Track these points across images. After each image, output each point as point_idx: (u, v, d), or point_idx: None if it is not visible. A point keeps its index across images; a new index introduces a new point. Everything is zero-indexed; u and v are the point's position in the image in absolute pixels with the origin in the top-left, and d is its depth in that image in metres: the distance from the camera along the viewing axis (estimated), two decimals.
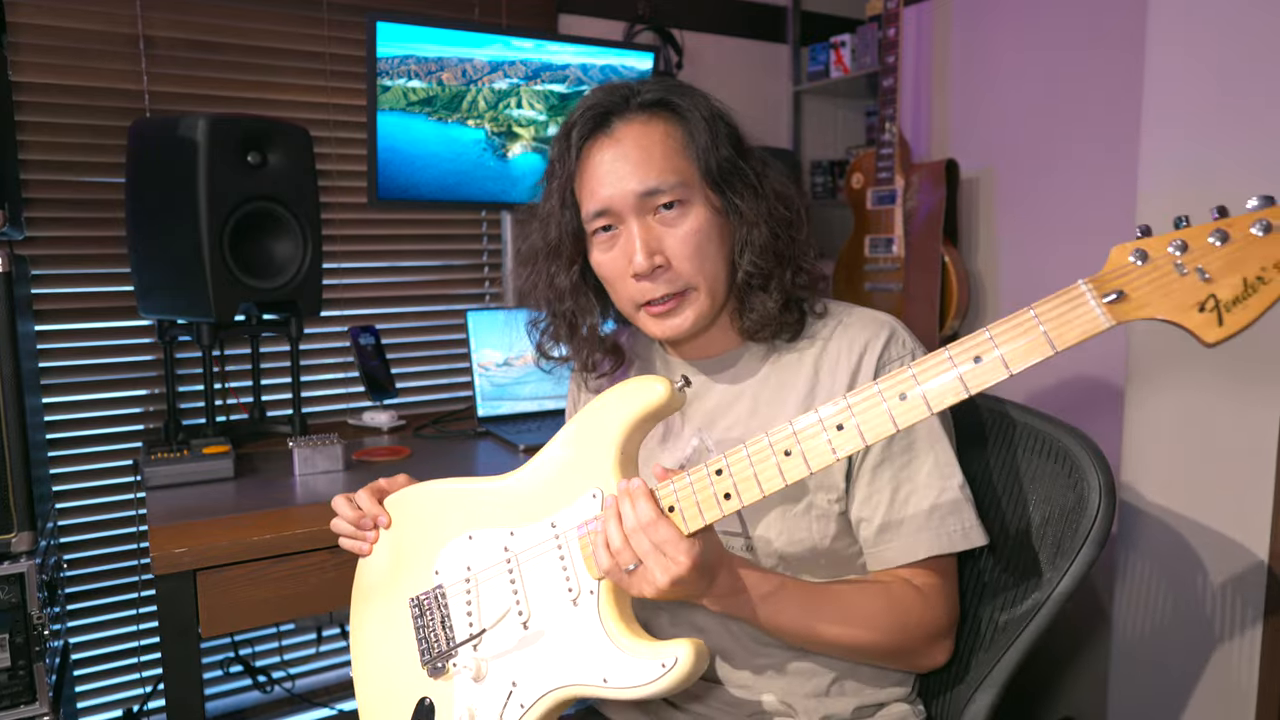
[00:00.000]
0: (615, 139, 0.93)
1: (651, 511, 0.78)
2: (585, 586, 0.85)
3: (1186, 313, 0.64)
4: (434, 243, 2.19)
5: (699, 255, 0.93)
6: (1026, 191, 2.18)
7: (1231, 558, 1.42)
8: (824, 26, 2.64)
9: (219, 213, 1.55)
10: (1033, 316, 0.67)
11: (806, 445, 0.75)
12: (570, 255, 0.99)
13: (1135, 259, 0.65)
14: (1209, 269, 0.63)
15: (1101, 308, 0.65)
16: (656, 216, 0.93)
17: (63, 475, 1.81)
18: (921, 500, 0.93)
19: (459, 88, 1.86)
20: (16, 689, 1.29)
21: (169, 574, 1.20)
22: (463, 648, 0.92)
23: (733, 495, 0.78)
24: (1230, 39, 1.38)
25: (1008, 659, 0.98)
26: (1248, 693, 1.41)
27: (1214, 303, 0.63)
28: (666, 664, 0.79)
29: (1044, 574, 0.99)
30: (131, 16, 1.80)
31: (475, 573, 0.93)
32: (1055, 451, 1.02)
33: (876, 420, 0.73)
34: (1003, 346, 0.68)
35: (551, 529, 0.88)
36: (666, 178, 0.91)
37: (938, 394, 0.71)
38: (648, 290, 0.93)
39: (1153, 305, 0.65)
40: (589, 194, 0.94)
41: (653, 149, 0.92)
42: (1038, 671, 2.07)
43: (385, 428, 1.91)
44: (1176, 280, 0.64)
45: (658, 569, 0.78)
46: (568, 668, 0.85)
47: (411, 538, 1.00)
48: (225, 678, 2.00)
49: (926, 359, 0.72)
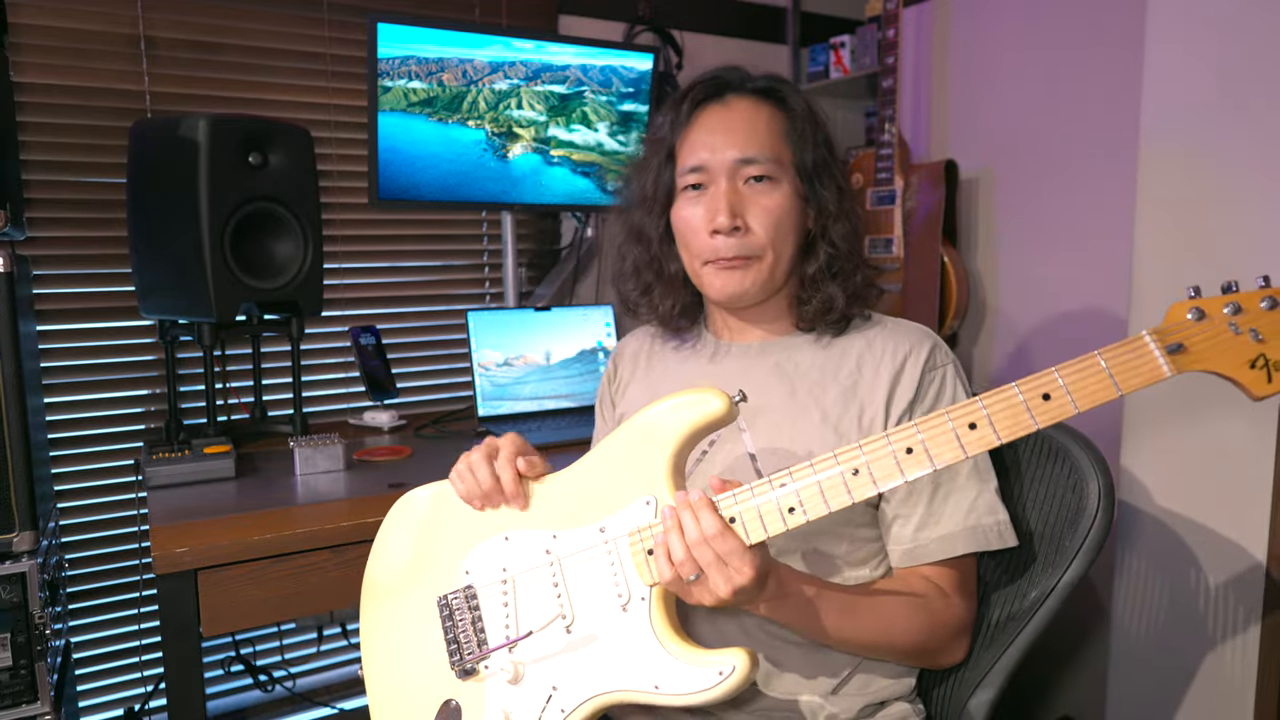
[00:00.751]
0: (728, 106, 1.02)
1: (716, 524, 0.79)
2: (636, 593, 0.85)
3: (1240, 369, 0.72)
4: (434, 243, 2.19)
5: (776, 228, 0.99)
6: (1026, 192, 2.18)
7: (1230, 558, 1.42)
8: (823, 27, 2.64)
9: (220, 213, 1.55)
10: (1100, 363, 0.74)
11: (875, 466, 0.78)
12: (663, 205, 1.05)
13: (1192, 316, 0.73)
14: (1262, 331, 0.72)
15: (1165, 358, 0.72)
16: (746, 185, 1.00)
17: (64, 475, 1.81)
18: (961, 500, 0.96)
19: (459, 88, 1.87)
20: (18, 688, 1.29)
21: (170, 573, 1.20)
22: (499, 650, 0.90)
23: (797, 509, 0.80)
24: (1230, 37, 1.38)
25: (1007, 658, 0.98)
26: (1245, 692, 1.41)
27: (1264, 361, 0.72)
28: (724, 671, 0.79)
29: (1043, 574, 0.99)
30: (132, 17, 1.81)
31: (513, 574, 0.92)
32: (1056, 453, 1.03)
33: (945, 446, 0.77)
34: (1072, 388, 0.74)
35: (600, 534, 0.88)
36: (765, 151, 0.99)
37: (1008, 427, 0.75)
38: (720, 248, 0.99)
39: (1210, 360, 0.73)
40: (690, 150, 1.01)
41: (758, 125, 1.00)
42: (1037, 671, 2.07)
43: (386, 427, 1.92)
44: (1231, 338, 0.72)
45: (720, 579, 0.79)
46: (615, 673, 0.85)
47: (438, 535, 0.98)
48: (226, 677, 2.00)
49: (995, 394, 0.76)
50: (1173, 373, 0.72)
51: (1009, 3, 2.18)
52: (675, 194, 1.04)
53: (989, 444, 0.76)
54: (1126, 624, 1.58)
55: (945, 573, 0.96)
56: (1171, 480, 1.50)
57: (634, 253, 1.10)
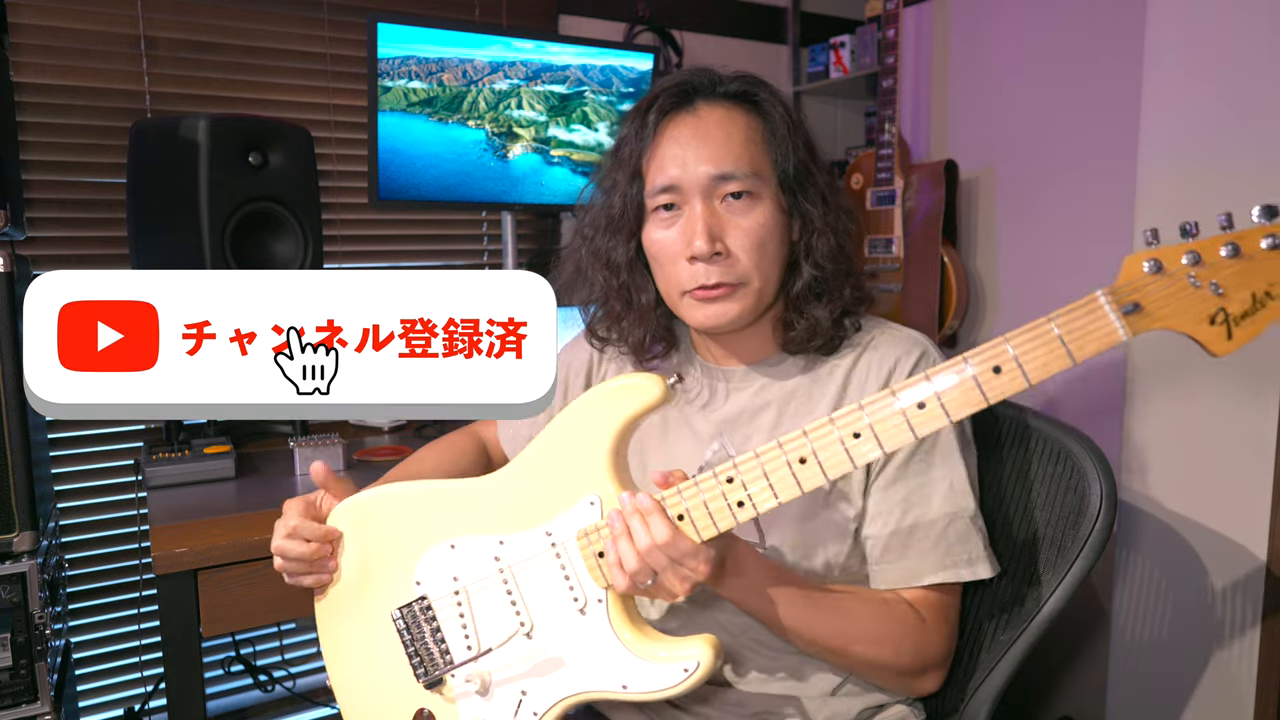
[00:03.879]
0: (698, 116, 0.92)
1: (667, 530, 0.76)
2: (592, 596, 0.84)
3: (1199, 325, 0.66)
4: (435, 243, 2.19)
5: (759, 250, 0.91)
6: (1026, 192, 2.18)
7: (1230, 558, 1.42)
8: (823, 27, 2.64)
9: (220, 213, 1.55)
10: (1052, 328, 0.68)
11: (823, 453, 0.74)
12: (630, 229, 0.96)
13: (1150, 269, 0.67)
14: (1222, 283, 0.65)
15: (1120, 320, 0.67)
16: (723, 204, 0.91)
17: (64, 475, 1.81)
18: (931, 525, 0.92)
19: (459, 88, 1.87)
20: (18, 688, 1.29)
21: (170, 573, 1.20)
22: (464, 664, 0.89)
23: (746, 504, 0.77)
24: (1229, 37, 1.38)
25: (1007, 660, 0.98)
26: (1246, 692, 1.41)
27: (1224, 316, 0.66)
28: (689, 668, 0.79)
29: (1044, 576, 0.99)
30: (132, 17, 1.81)
31: (465, 584, 0.89)
32: (1057, 454, 1.02)
33: (894, 428, 0.72)
34: (1023, 358, 0.69)
35: (548, 538, 0.85)
36: (742, 166, 0.90)
37: (956, 403, 0.71)
38: (700, 275, 0.90)
39: (1168, 318, 0.67)
40: (658, 168, 0.92)
41: (733, 135, 0.91)
42: (1037, 671, 2.07)
43: (386, 427, 1.92)
44: (1191, 293, 0.66)
45: (676, 580, 0.78)
46: (582, 675, 0.84)
47: (382, 545, 0.94)
48: (226, 677, 2.00)
49: (943, 367, 0.71)
50: (1128, 336, 0.67)
51: (1009, 3, 2.18)
52: (645, 215, 0.95)
53: (939, 423, 0.71)
54: (1126, 624, 1.58)
55: (920, 599, 0.92)
56: (1172, 480, 1.50)
57: (600, 279, 1.00)
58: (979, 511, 0.94)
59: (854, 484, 0.94)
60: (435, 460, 1.15)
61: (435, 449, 1.19)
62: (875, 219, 2.26)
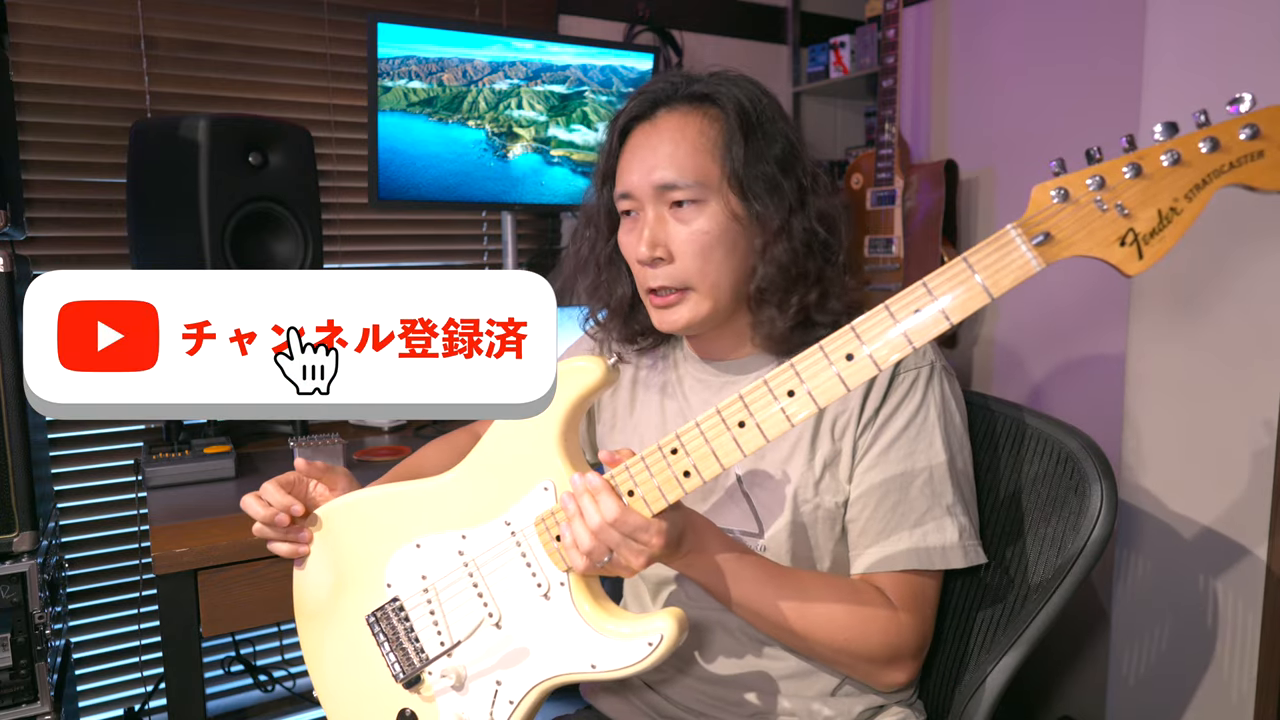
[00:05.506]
0: (655, 126, 0.95)
1: (616, 506, 0.78)
2: (554, 579, 0.85)
3: (1109, 248, 0.67)
4: (435, 243, 2.19)
5: (702, 256, 0.92)
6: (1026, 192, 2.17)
7: (1230, 558, 1.42)
8: (823, 27, 2.64)
9: (220, 213, 1.55)
10: (967, 266, 0.70)
11: (760, 415, 0.76)
12: (608, 229, 1.02)
13: (1057, 197, 0.68)
14: (1127, 204, 0.66)
15: (1032, 251, 0.68)
16: (671, 210, 0.93)
17: (64, 475, 1.81)
18: (908, 513, 0.92)
19: (459, 88, 1.87)
20: (18, 688, 1.29)
21: (170, 573, 1.20)
22: (437, 660, 0.90)
23: (692, 473, 0.79)
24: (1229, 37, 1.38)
25: (1007, 660, 0.98)
26: (1246, 692, 1.41)
27: (1133, 237, 0.67)
28: (653, 642, 0.80)
29: (1044, 576, 0.99)
30: (132, 17, 1.81)
31: (433, 582, 0.91)
32: (1058, 454, 1.02)
33: (827, 383, 0.74)
34: (941, 298, 0.70)
35: (507, 527, 0.87)
36: (685, 175, 0.91)
37: (884, 351, 0.72)
38: (648, 279, 0.95)
39: (1078, 244, 0.68)
40: (621, 175, 0.97)
41: (682, 143, 0.92)
42: (1037, 671, 2.07)
43: (386, 427, 1.92)
44: (1098, 217, 0.67)
45: (631, 555, 0.79)
46: (551, 659, 0.86)
47: (351, 551, 0.96)
48: (226, 677, 2.00)
49: (867, 317, 0.73)
50: (1041, 266, 0.68)
51: (1009, 3, 2.18)
52: (619, 218, 1.00)
53: (869, 373, 0.72)
54: (1126, 624, 1.58)
55: (893, 586, 0.92)
56: (1171, 480, 1.50)
57: (588, 274, 1.06)
58: (960, 501, 0.94)
59: (841, 468, 0.95)
60: (435, 459, 1.15)
61: (435, 448, 1.20)
62: (875, 219, 2.26)
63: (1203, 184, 0.65)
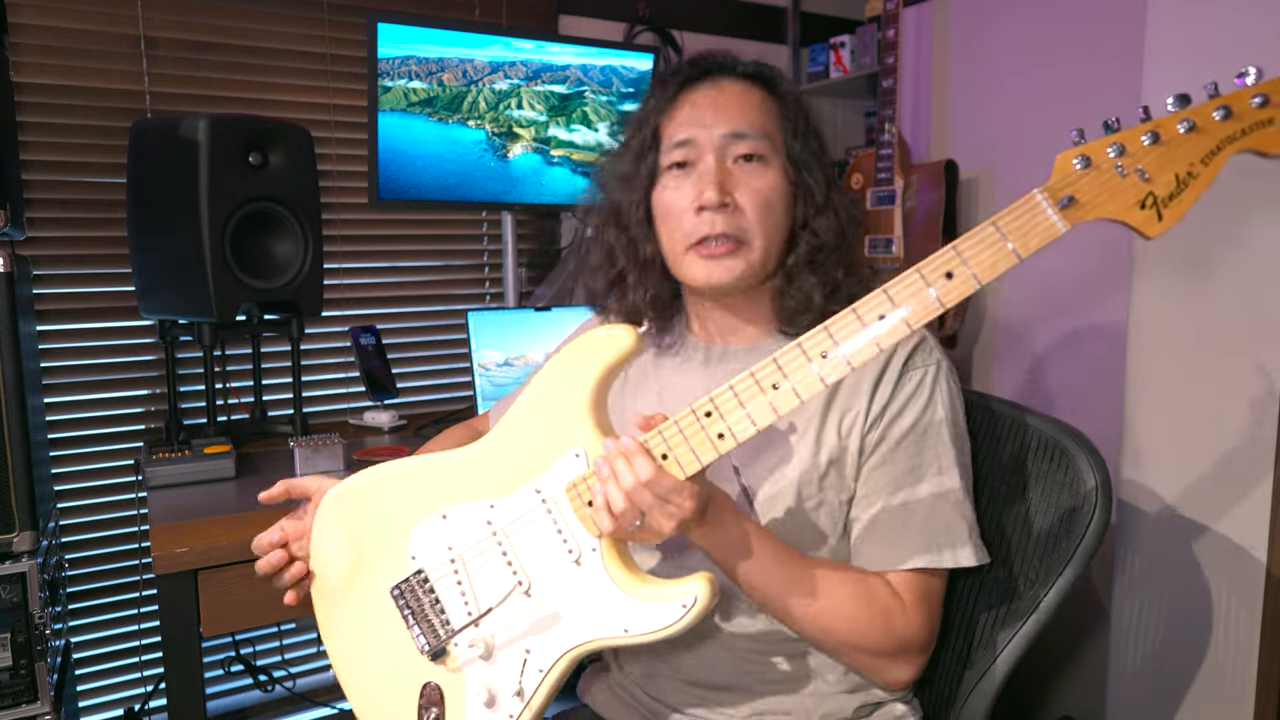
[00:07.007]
0: (718, 87, 0.97)
1: (651, 467, 0.78)
2: (586, 545, 0.85)
3: (1130, 211, 0.71)
4: (435, 243, 2.19)
5: (764, 210, 0.94)
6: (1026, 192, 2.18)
7: (1230, 558, 1.42)
8: (823, 27, 2.64)
9: (220, 213, 1.55)
10: (995, 230, 0.73)
11: (794, 376, 0.77)
12: (644, 187, 1.00)
13: (1079, 164, 0.72)
14: (1147, 169, 0.71)
15: (1057, 214, 0.72)
16: (735, 164, 0.95)
17: (64, 475, 1.81)
18: (916, 510, 0.92)
19: (459, 88, 1.87)
20: (18, 688, 1.30)
21: (170, 573, 1.20)
22: (465, 630, 0.90)
23: (726, 435, 0.79)
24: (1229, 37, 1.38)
25: (1005, 657, 0.98)
26: (1246, 692, 1.41)
27: (1152, 200, 0.71)
28: (687, 604, 0.80)
29: (1041, 572, 0.99)
30: (132, 17, 1.81)
31: (460, 552, 0.91)
32: (1052, 451, 1.02)
33: (860, 346, 0.76)
34: (972, 261, 0.73)
35: (537, 495, 0.87)
36: (756, 129, 0.95)
37: (916, 313, 0.74)
38: (705, 225, 0.93)
39: (1101, 207, 0.72)
40: (676, 127, 0.97)
41: (750, 105, 0.96)
42: (1036, 671, 2.07)
43: (386, 427, 1.92)
44: (1119, 182, 0.71)
45: (663, 518, 0.79)
46: (583, 625, 0.85)
47: (372, 526, 0.96)
48: (226, 677, 2.00)
49: (900, 279, 0.75)
50: (1066, 227, 0.72)
51: (1009, 3, 2.18)
52: (658, 175, 0.99)
53: (900, 334, 0.74)
54: (1126, 624, 1.58)
55: (902, 583, 0.92)
56: (1172, 480, 1.50)
57: (608, 236, 1.03)
58: (967, 500, 0.94)
59: (848, 465, 0.95)
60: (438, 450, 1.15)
61: (436, 444, 1.20)
62: (875, 219, 2.26)
63: (1217, 150, 0.70)
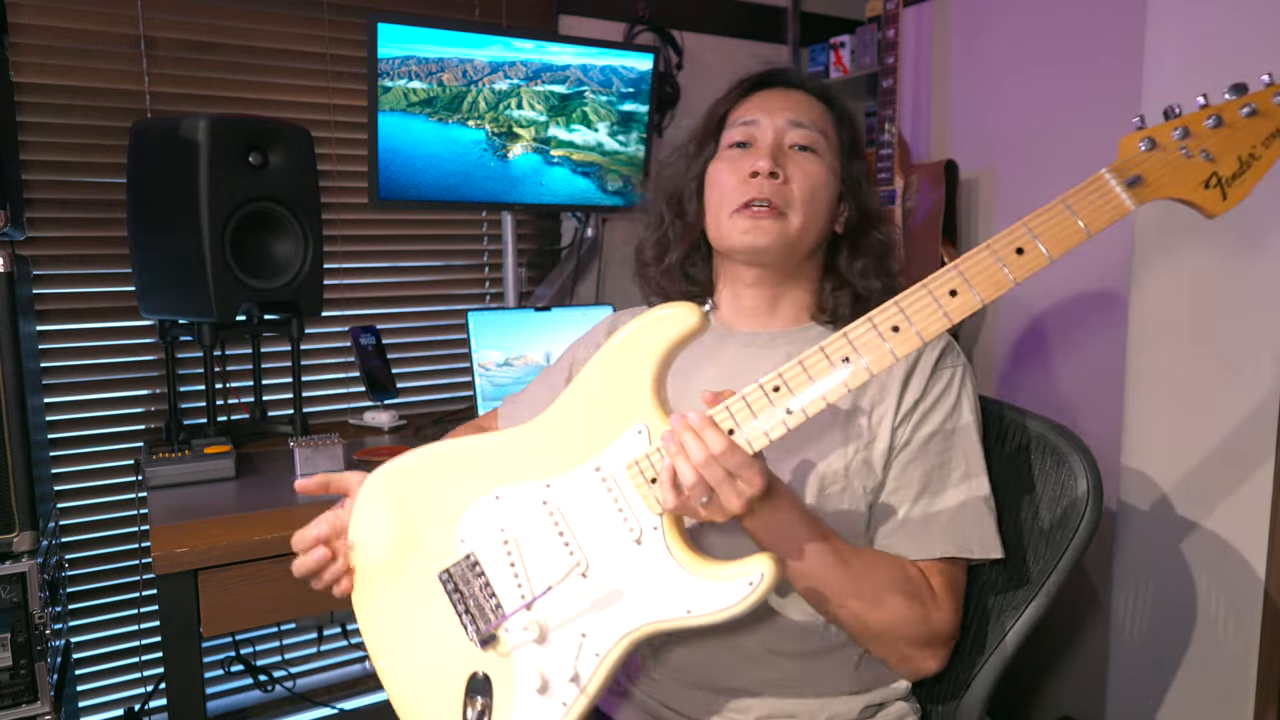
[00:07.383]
0: (787, 92, 1.07)
1: (723, 441, 0.77)
2: (648, 524, 0.83)
3: (1195, 190, 0.75)
4: (435, 243, 2.19)
5: (810, 191, 1.01)
6: (1026, 192, 2.18)
7: (1230, 558, 1.42)
8: (823, 27, 2.64)
9: (220, 213, 1.55)
10: (1065, 207, 0.75)
11: (864, 351, 0.78)
12: (702, 160, 1.08)
13: (1145, 146, 0.75)
14: (1212, 150, 0.74)
15: (1126, 192, 0.74)
16: (791, 150, 1.02)
17: (64, 475, 1.81)
18: (946, 502, 0.95)
19: (459, 88, 1.87)
20: (18, 688, 1.30)
21: (170, 573, 1.20)
22: (517, 613, 0.87)
23: (795, 410, 0.79)
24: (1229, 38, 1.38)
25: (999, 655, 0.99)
26: (1245, 692, 1.41)
27: (1216, 180, 0.74)
28: (754, 581, 0.78)
29: (1034, 571, 1.00)
30: (132, 17, 1.81)
31: (513, 534, 0.88)
32: (1045, 451, 1.04)
33: (930, 318, 0.77)
34: (1042, 237, 0.75)
35: (596, 473, 0.85)
36: (815, 123, 1.03)
37: (988, 286, 0.76)
38: (754, 189, 0.99)
39: (1167, 187, 0.75)
40: (743, 112, 1.06)
41: (814, 111, 1.05)
42: (1036, 671, 2.07)
43: (386, 427, 1.92)
44: (1184, 162, 0.75)
45: (732, 494, 0.79)
46: (643, 607, 0.83)
47: (421, 509, 0.93)
48: (226, 677, 2.00)
49: (969, 257, 0.77)
50: (1134, 205, 0.74)
51: (1009, 3, 2.18)
52: (718, 151, 1.06)
53: (972, 306, 0.76)
54: (1126, 624, 1.58)
55: (930, 570, 0.94)
56: (1171, 481, 1.50)
57: (659, 207, 1.12)
58: (992, 495, 0.97)
59: (875, 456, 0.96)
60: None
61: None
62: None
63: (1277, 132, 0.73)
